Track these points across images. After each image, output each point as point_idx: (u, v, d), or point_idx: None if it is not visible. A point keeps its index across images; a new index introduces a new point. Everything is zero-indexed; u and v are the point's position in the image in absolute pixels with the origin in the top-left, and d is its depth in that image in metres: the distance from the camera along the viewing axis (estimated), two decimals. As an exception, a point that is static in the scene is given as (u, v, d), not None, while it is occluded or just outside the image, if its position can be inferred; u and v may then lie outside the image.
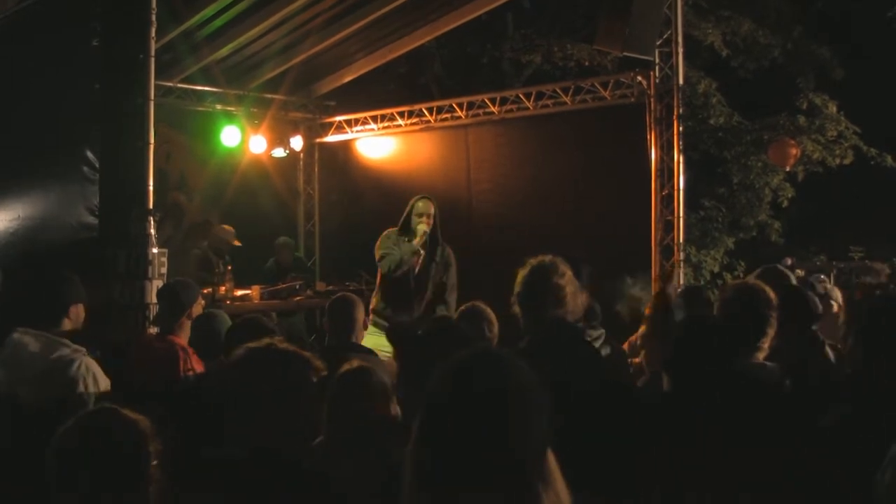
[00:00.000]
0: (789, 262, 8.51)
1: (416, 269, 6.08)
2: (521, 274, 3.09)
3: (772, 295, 2.98)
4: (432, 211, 6.17)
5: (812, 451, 2.45)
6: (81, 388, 3.38)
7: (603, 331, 4.08)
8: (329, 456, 2.60)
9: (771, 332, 2.89)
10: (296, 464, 2.23)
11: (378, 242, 6.24)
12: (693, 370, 2.64)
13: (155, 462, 2.10)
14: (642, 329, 3.04)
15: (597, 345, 3.70)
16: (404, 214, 6.21)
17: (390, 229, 6.26)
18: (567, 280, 3.03)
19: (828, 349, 3.52)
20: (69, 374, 3.40)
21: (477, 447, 1.47)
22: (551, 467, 1.53)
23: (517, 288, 3.08)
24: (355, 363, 2.86)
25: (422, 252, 6.06)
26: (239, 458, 2.21)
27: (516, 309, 3.09)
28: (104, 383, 3.51)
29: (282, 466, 2.20)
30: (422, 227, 6.09)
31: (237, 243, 8.66)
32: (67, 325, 3.62)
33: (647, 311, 3.37)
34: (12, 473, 3.11)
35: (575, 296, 3.07)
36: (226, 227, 8.83)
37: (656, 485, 2.41)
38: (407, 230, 6.16)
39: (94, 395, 3.41)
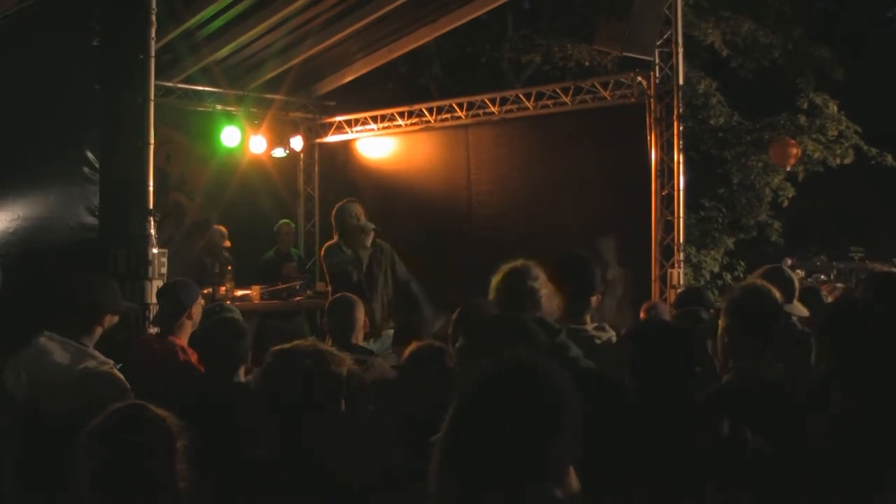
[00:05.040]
0: (789, 262, 8.51)
1: (363, 271, 6.07)
2: (496, 280, 3.12)
3: (778, 296, 2.97)
4: (361, 209, 6.23)
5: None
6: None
7: (612, 332, 4.03)
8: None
9: (777, 332, 2.88)
10: (322, 465, 2.22)
11: (323, 254, 6.23)
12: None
13: (182, 458, 2.10)
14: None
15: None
16: (336, 224, 6.22)
17: (331, 242, 6.24)
18: (541, 283, 3.07)
19: None
20: (95, 388, 3.23)
21: (504, 453, 1.51)
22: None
23: (492, 293, 3.10)
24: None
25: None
26: (272, 459, 2.23)
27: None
28: (131, 398, 3.34)
29: (313, 467, 2.20)
30: (369, 225, 6.11)
31: (227, 244, 8.64)
32: (98, 333, 3.46)
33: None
34: (25, 481, 3.09)
35: (549, 298, 3.10)
36: (217, 227, 8.82)
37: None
38: (350, 236, 6.14)
39: None
